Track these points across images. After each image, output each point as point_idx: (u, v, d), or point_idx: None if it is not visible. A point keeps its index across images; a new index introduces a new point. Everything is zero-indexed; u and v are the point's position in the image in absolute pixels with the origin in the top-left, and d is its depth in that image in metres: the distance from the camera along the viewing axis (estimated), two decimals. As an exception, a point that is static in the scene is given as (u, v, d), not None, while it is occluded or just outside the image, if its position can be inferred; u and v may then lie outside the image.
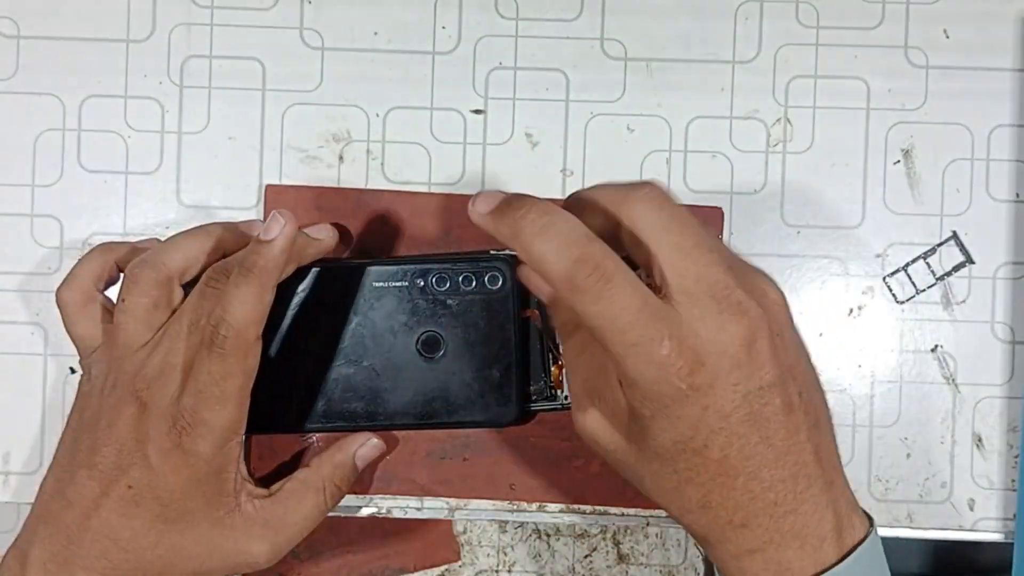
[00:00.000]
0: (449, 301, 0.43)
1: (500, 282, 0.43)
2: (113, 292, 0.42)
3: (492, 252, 0.44)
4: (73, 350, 0.46)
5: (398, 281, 0.43)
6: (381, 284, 0.43)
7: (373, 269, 0.43)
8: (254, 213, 0.46)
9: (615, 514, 0.46)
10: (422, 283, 0.43)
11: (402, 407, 0.43)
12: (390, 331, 0.43)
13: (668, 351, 0.33)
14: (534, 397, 0.45)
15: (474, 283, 0.43)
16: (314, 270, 0.43)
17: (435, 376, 0.43)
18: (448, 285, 0.43)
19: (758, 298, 0.35)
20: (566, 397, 0.45)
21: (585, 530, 0.70)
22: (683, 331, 0.34)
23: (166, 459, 0.38)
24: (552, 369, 0.45)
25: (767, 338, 0.35)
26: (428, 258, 0.44)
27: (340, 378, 0.43)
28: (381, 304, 0.43)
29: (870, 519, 0.38)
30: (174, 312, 0.40)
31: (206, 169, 0.47)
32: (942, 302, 0.47)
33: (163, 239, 0.42)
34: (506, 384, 0.43)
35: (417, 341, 0.43)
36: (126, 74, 0.47)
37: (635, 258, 0.36)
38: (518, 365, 0.43)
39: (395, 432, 0.46)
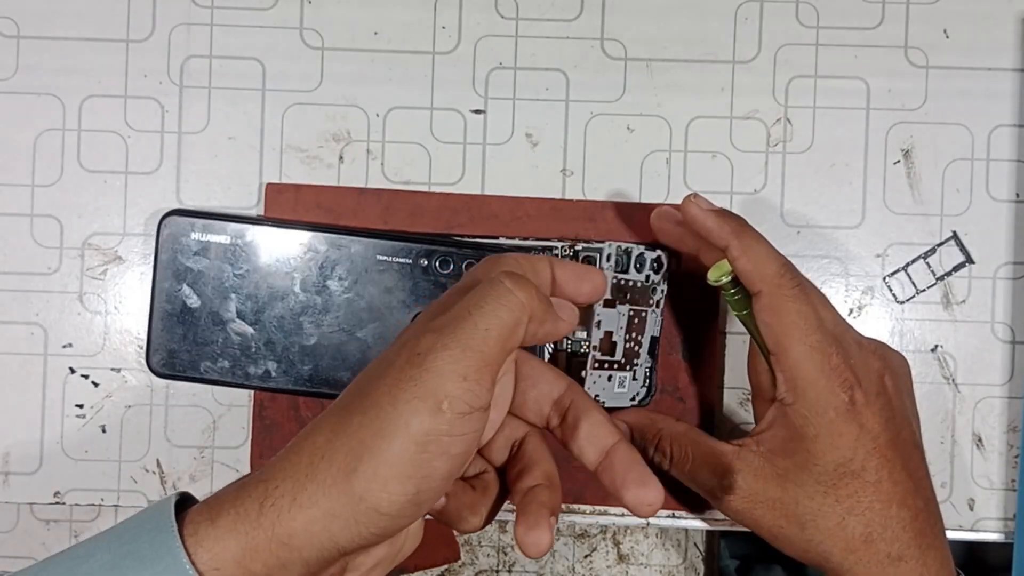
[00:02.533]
0: (450, 285, 0.43)
1: None
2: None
3: (503, 242, 0.45)
4: (73, 350, 0.46)
5: (402, 258, 0.44)
6: (385, 258, 0.43)
7: (379, 242, 0.44)
8: (254, 213, 0.46)
9: (615, 514, 0.46)
10: (426, 263, 0.43)
11: None
12: (387, 306, 0.44)
13: (837, 362, 0.38)
14: None
15: None
16: (321, 234, 0.44)
17: None
18: (451, 269, 0.43)
19: (885, 350, 0.42)
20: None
21: (585, 530, 0.70)
22: (844, 351, 0.39)
23: None
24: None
25: (892, 378, 0.40)
26: (436, 239, 0.44)
27: (332, 345, 0.44)
28: (382, 278, 0.43)
29: None
30: None
31: (206, 169, 0.47)
32: (942, 302, 0.46)
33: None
34: None
35: (413, 319, 0.43)
36: (126, 74, 0.47)
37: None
38: None
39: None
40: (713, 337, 0.46)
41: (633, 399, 0.45)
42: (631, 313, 0.44)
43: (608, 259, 0.43)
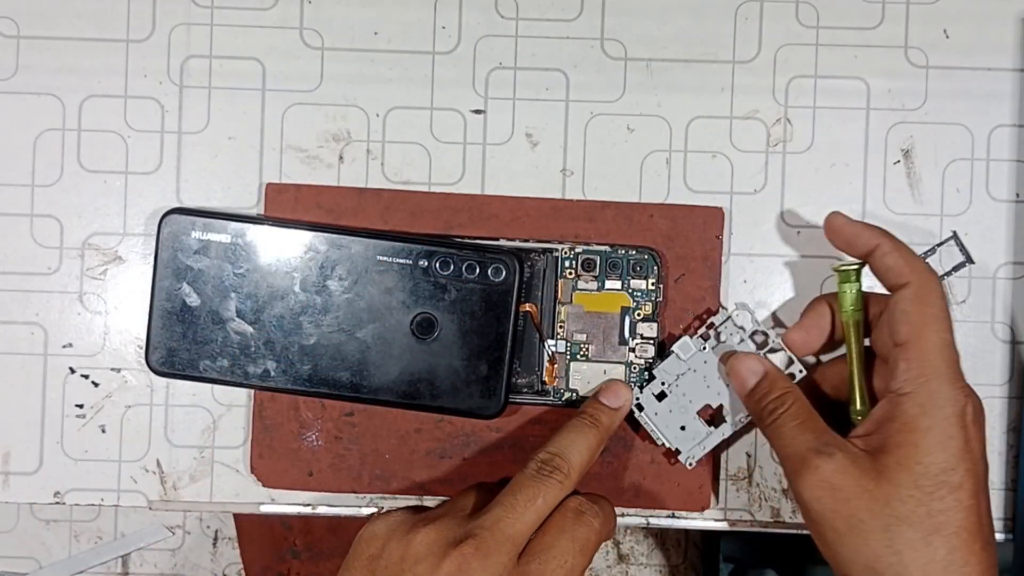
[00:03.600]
0: (450, 286, 0.44)
1: (503, 275, 0.44)
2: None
3: (502, 244, 0.45)
4: (73, 350, 0.46)
5: (402, 259, 0.44)
6: (385, 259, 0.44)
7: (379, 243, 0.44)
8: (254, 213, 0.46)
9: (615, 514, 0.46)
10: (426, 264, 0.44)
11: (387, 384, 0.44)
12: (387, 307, 0.44)
13: (960, 369, 0.39)
14: (524, 390, 0.45)
15: (477, 272, 0.43)
16: (321, 234, 0.44)
17: (424, 358, 0.44)
18: (451, 270, 0.43)
19: None
20: (564, 398, 0.45)
21: (585, 530, 0.70)
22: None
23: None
24: (546, 365, 0.45)
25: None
26: (435, 240, 0.44)
27: (331, 345, 0.44)
28: (383, 279, 0.44)
29: None
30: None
31: (206, 169, 0.47)
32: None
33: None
34: (493, 376, 0.43)
35: (412, 321, 0.44)
36: (126, 74, 0.47)
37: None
38: (509, 359, 0.44)
39: (395, 432, 0.46)
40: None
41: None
42: None
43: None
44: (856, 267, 0.42)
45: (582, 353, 0.45)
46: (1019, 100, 0.47)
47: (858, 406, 0.42)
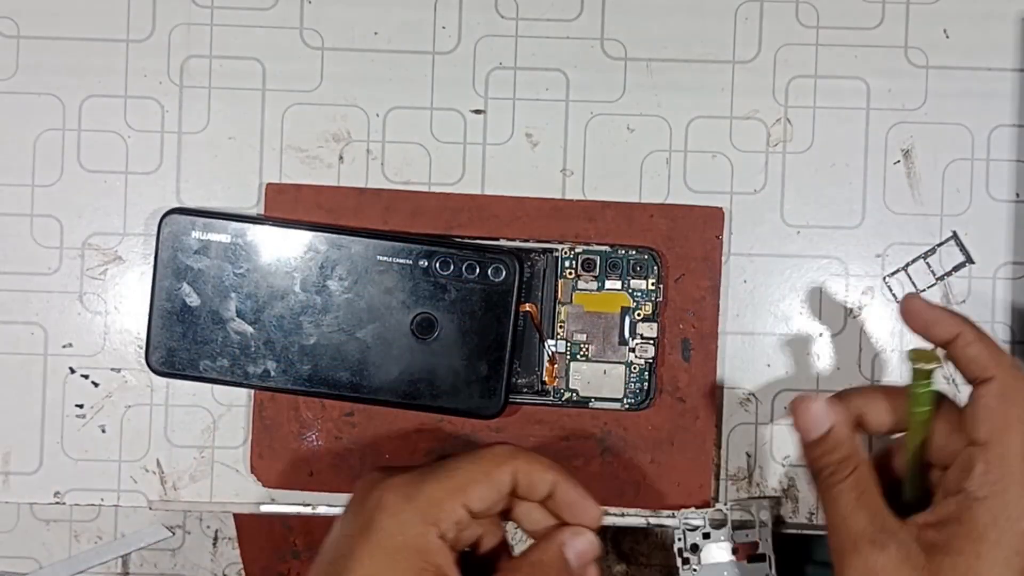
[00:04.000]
0: (450, 286, 0.44)
1: (503, 275, 0.44)
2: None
3: (502, 244, 0.45)
4: (72, 350, 0.46)
5: (402, 259, 0.44)
6: (385, 259, 0.44)
7: (379, 243, 0.44)
8: (254, 213, 0.46)
9: (615, 514, 0.46)
10: (426, 264, 0.44)
11: (387, 384, 0.44)
12: (387, 307, 0.44)
13: None
14: (524, 390, 0.45)
15: (477, 272, 0.44)
16: (321, 234, 0.44)
17: (425, 358, 0.44)
18: (451, 270, 0.43)
19: None
20: (564, 398, 0.45)
21: (585, 530, 0.70)
22: None
23: None
24: (546, 365, 0.45)
25: None
26: (435, 240, 0.44)
27: (331, 345, 0.44)
28: (382, 279, 0.44)
29: None
30: None
31: (206, 169, 0.47)
32: (942, 302, 0.46)
33: None
34: (494, 376, 0.44)
35: (412, 321, 0.44)
36: (126, 74, 0.47)
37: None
38: (509, 359, 0.44)
39: (395, 432, 0.46)
40: (713, 337, 0.46)
41: (634, 399, 0.45)
42: None
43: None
44: (936, 366, 0.38)
45: (582, 353, 0.45)
46: (1019, 100, 0.47)
47: (908, 494, 0.40)
